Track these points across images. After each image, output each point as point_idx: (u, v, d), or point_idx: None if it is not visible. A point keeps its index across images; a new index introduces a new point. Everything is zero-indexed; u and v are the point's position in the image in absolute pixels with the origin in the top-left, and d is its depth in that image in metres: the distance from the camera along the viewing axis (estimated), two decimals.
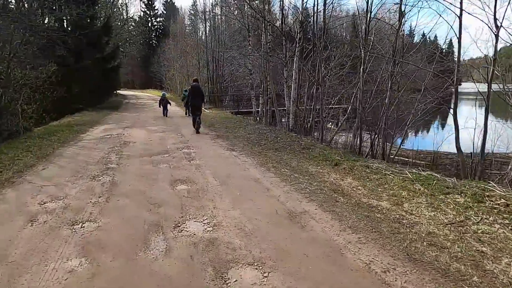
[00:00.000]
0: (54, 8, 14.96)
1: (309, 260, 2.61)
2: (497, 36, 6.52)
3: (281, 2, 12.81)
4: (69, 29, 17.74)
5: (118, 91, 34.03)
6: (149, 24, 56.73)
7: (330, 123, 16.78)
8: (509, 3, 6.51)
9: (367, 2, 8.88)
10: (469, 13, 6.83)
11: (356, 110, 13.29)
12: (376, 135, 9.44)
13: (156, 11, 57.51)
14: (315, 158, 6.18)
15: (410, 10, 8.22)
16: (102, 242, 2.93)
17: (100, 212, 3.62)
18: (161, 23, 57.02)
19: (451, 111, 7.48)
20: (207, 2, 63.64)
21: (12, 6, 12.13)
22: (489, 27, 6.49)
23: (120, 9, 32.87)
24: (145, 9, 55.95)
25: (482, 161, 6.80)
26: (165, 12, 57.95)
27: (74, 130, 10.08)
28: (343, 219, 3.33)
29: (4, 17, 9.91)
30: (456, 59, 7.35)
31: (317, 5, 10.89)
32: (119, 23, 30.82)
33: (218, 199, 3.95)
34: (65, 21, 17.39)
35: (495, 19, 6.49)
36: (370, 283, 2.32)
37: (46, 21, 16.89)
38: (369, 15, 9.49)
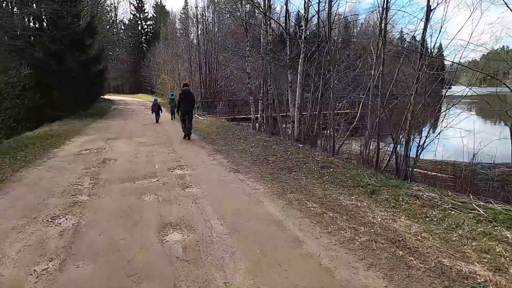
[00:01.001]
0: (27, 3, 13.46)
1: None
2: None
3: None
4: (49, 28, 16.25)
5: (105, 97, 32.47)
6: (139, 27, 55.20)
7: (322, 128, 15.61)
8: None
9: None
10: None
11: (366, 116, 12.12)
12: (396, 145, 8.22)
13: (146, 14, 55.99)
14: (342, 183, 4.90)
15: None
16: None
17: None
18: (151, 27, 55.50)
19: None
20: (199, 3, 62.55)
21: None
22: None
23: (108, 10, 31.27)
24: (135, 12, 54.40)
25: None
26: (155, 15, 56.49)
27: (48, 144, 8.65)
28: None
29: None
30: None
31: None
32: (106, 25, 29.27)
33: (230, 264, 2.63)
34: (44, 21, 15.87)
35: None
36: None
37: (23, 21, 15.44)
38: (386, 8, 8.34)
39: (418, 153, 8.12)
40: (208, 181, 4.99)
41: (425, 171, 10.75)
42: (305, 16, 10.42)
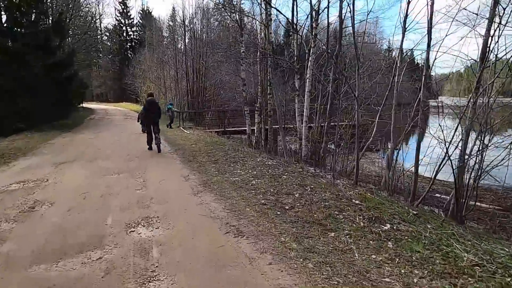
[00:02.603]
0: None
1: None
2: None
3: None
4: (8, 26, 13.89)
5: (85, 105, 29.93)
6: (124, 34, 52.67)
7: (331, 143, 13.59)
8: None
9: None
10: None
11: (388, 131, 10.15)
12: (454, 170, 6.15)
13: (131, 20, 53.49)
14: (427, 262, 2.79)
15: None
16: None
17: None
18: (137, 33, 53.03)
19: None
20: (187, 8, 60.45)
21: None
22: None
23: (86, 11, 28.83)
24: (120, 17, 51.92)
25: None
26: (141, 21, 54.03)
27: None
28: None
29: None
30: None
31: None
32: (84, 26, 26.89)
33: None
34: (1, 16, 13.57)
35: None
36: None
37: None
38: None
39: (477, 183, 6.05)
40: (192, 263, 2.78)
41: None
42: (316, 8, 8.41)
